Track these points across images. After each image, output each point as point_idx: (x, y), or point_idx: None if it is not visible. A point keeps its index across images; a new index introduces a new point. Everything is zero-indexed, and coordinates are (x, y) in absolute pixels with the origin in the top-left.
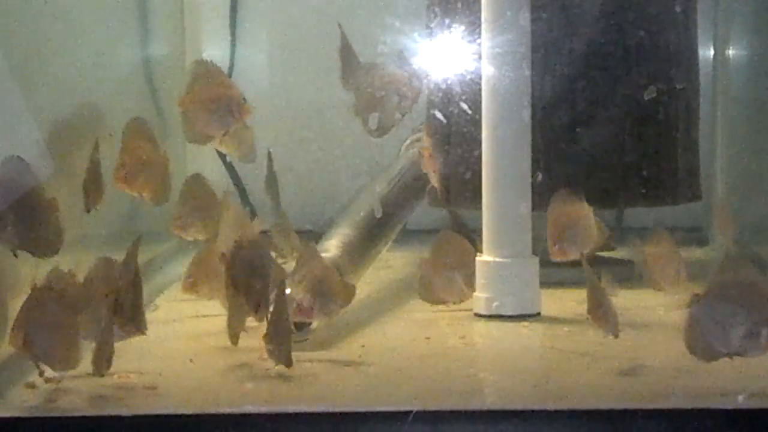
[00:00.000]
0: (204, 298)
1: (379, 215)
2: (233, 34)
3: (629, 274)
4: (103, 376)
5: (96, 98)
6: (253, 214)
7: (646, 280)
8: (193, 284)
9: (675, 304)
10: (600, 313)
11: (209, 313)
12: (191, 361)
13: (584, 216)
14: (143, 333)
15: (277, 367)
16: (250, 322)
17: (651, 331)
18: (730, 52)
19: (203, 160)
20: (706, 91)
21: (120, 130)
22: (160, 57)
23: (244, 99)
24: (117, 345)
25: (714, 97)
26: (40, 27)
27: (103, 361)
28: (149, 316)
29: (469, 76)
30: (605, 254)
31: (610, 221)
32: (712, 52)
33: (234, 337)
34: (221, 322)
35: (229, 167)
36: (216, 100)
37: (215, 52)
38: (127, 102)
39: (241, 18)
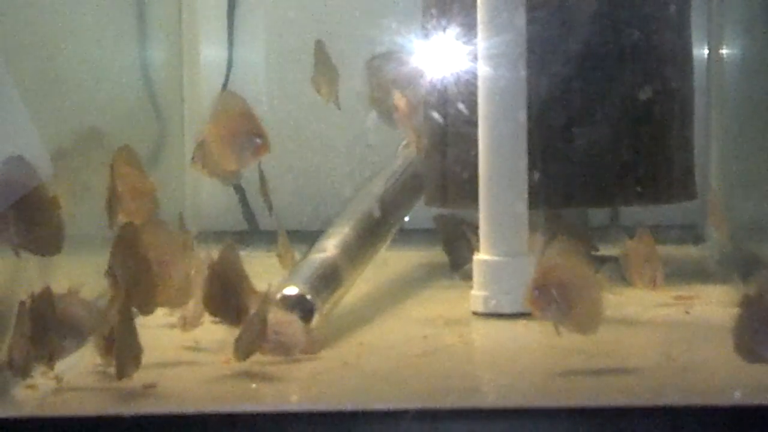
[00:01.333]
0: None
1: (377, 215)
2: (231, 35)
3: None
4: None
5: (93, 100)
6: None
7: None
8: None
9: (667, 302)
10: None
11: None
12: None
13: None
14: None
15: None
16: None
17: (647, 328)
18: (725, 51)
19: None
20: (701, 91)
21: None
22: (157, 58)
23: (262, 137)
24: None
25: (708, 96)
26: (37, 29)
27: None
28: None
29: (465, 77)
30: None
31: (604, 219)
32: (706, 51)
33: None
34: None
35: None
36: (236, 135)
37: (213, 52)
38: (125, 104)
39: (238, 19)
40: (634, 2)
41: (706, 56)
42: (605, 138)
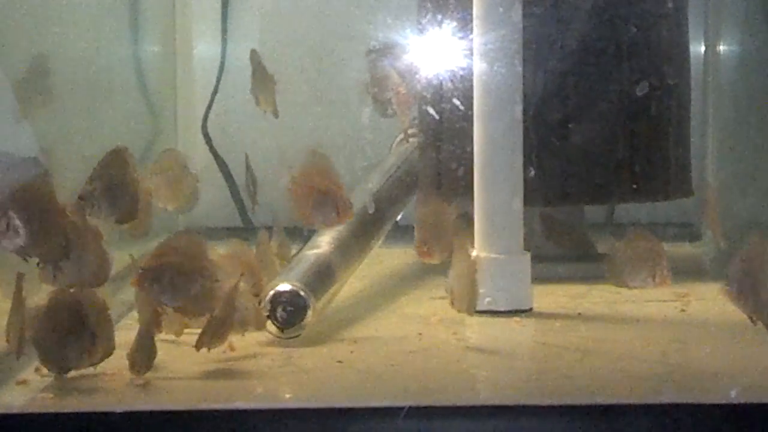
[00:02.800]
0: None
1: (371, 211)
2: (224, 30)
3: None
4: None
5: (87, 95)
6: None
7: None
8: None
9: (662, 299)
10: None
11: None
12: None
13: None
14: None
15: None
16: None
17: (642, 326)
18: (721, 48)
19: (195, 156)
20: (697, 87)
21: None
22: (151, 54)
23: (350, 203)
24: None
25: (705, 93)
26: (31, 25)
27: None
28: None
29: (460, 72)
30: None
31: (600, 217)
32: (703, 48)
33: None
34: None
35: (222, 164)
36: (323, 195)
37: (206, 48)
38: (118, 99)
39: (232, 14)
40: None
41: (702, 53)
42: (601, 135)
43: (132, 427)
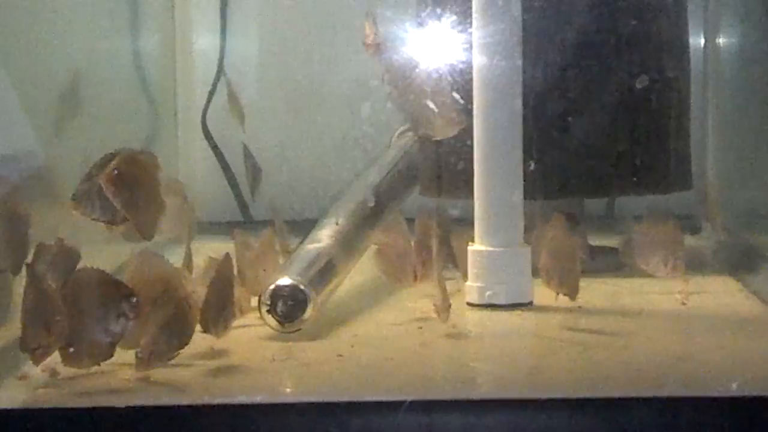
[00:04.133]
0: None
1: (371, 204)
2: (223, 24)
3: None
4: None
5: (86, 89)
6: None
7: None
8: None
9: (662, 292)
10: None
11: None
12: None
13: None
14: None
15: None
16: None
17: (644, 319)
18: (721, 41)
19: (194, 154)
20: (697, 80)
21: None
22: (150, 48)
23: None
24: None
25: (704, 86)
26: (29, 20)
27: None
28: None
29: (460, 66)
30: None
31: (600, 209)
32: (702, 41)
33: None
34: None
35: (222, 162)
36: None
37: (206, 42)
38: (119, 93)
39: (231, 8)
40: None
41: (702, 45)
42: (601, 127)
43: (134, 421)
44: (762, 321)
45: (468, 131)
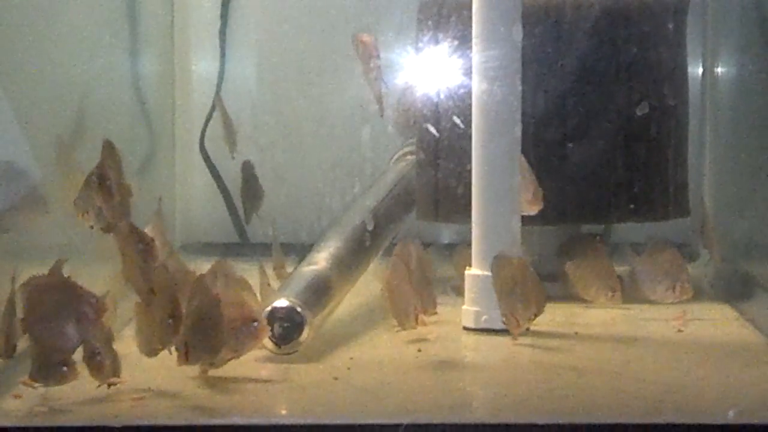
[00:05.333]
0: None
1: (370, 228)
2: (223, 47)
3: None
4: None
5: (86, 110)
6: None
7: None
8: None
9: (665, 319)
10: None
11: None
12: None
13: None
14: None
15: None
16: None
17: (639, 346)
18: (719, 70)
19: (192, 176)
20: (695, 109)
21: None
22: (149, 70)
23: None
24: None
25: (702, 114)
26: (30, 41)
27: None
28: None
29: (459, 91)
30: None
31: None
32: (700, 69)
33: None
34: None
35: (220, 184)
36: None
37: (204, 65)
38: (117, 115)
39: (230, 31)
40: (630, 20)
41: (700, 74)
42: (599, 155)
43: None
44: (757, 349)
45: (467, 156)
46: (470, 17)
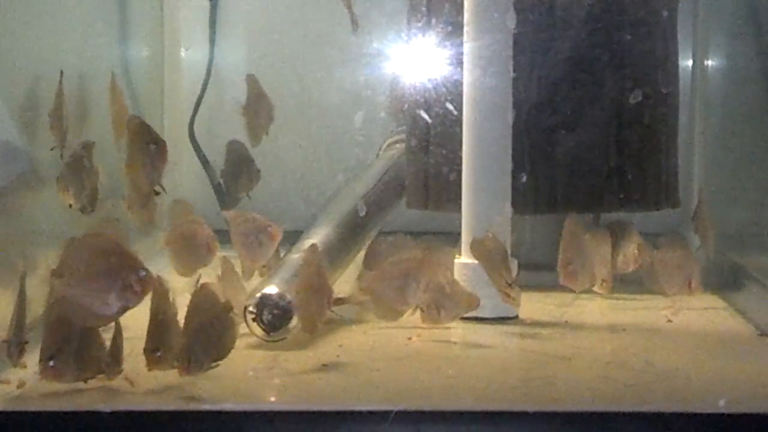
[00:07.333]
0: None
1: (362, 214)
2: (213, 34)
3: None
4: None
5: (75, 98)
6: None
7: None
8: None
9: (655, 308)
10: None
11: None
12: None
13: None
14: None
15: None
16: None
17: (629, 335)
18: (709, 61)
19: (181, 163)
20: (685, 99)
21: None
22: (138, 57)
23: None
24: None
25: (692, 105)
26: (19, 28)
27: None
28: None
29: (450, 78)
30: None
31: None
32: (691, 60)
33: None
34: None
35: (209, 170)
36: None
37: (195, 52)
38: (105, 101)
39: (220, 19)
40: (622, 9)
41: (690, 65)
42: (590, 143)
43: (120, 427)
44: (746, 340)
45: (457, 143)
46: (462, 3)
